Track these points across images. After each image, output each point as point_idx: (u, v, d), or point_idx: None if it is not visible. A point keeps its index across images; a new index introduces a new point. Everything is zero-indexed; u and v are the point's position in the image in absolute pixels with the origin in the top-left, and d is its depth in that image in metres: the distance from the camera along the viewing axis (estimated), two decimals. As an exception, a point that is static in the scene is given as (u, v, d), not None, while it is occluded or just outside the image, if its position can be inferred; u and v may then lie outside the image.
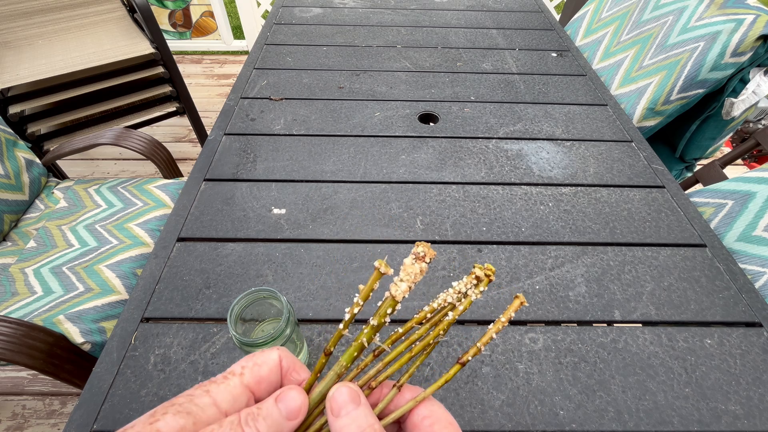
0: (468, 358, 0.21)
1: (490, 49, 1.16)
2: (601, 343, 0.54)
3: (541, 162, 0.81)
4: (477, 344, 0.21)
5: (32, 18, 1.48)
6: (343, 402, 0.19)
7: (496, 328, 0.21)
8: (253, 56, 1.09)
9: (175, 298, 0.57)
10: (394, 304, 0.20)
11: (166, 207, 1.00)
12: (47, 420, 1.04)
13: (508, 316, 0.21)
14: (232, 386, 0.19)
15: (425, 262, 0.20)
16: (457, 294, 0.21)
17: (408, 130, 0.88)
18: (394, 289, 0.20)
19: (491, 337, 0.21)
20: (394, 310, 0.21)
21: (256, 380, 0.20)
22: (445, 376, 0.22)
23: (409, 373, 0.22)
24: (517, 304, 0.21)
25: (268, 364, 0.21)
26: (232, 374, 0.20)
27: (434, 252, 0.20)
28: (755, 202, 0.75)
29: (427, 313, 0.21)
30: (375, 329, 0.21)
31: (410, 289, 0.20)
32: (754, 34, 0.88)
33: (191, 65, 2.40)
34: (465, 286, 0.21)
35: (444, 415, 0.21)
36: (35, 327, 0.68)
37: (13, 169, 0.98)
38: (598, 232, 0.68)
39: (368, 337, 0.21)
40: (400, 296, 0.20)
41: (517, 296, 0.21)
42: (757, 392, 0.50)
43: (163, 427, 0.16)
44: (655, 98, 1.03)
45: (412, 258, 0.20)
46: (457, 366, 0.21)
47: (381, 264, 0.20)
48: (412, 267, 0.20)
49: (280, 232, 0.67)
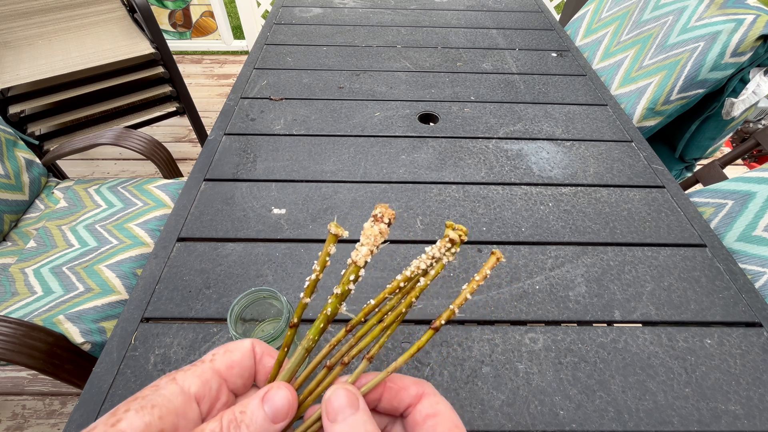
0: (441, 322, 0.20)
1: (490, 49, 1.16)
2: (601, 343, 0.54)
3: (541, 162, 0.81)
4: (451, 306, 0.20)
5: (32, 18, 1.48)
6: (339, 406, 0.18)
7: (470, 287, 0.20)
8: (253, 56, 1.09)
9: (175, 298, 0.57)
10: (356, 270, 0.19)
11: (166, 207, 1.00)
12: (47, 420, 1.04)
13: (484, 275, 0.20)
14: (201, 371, 0.18)
15: (384, 223, 0.19)
16: (430, 260, 0.20)
17: (408, 130, 0.88)
18: (354, 254, 0.19)
19: (465, 298, 0.20)
20: (357, 277, 0.20)
21: (227, 365, 0.19)
22: (417, 343, 0.20)
23: (379, 344, 0.21)
24: (493, 260, 0.20)
25: (240, 350, 0.20)
26: (202, 361, 0.19)
27: (393, 212, 0.19)
28: (755, 202, 0.75)
29: (400, 282, 0.20)
30: (340, 298, 0.20)
31: (372, 253, 0.19)
32: (754, 34, 0.88)
33: (191, 65, 2.40)
34: (439, 250, 0.20)
35: (449, 416, 0.19)
36: (35, 327, 0.68)
37: (13, 169, 0.98)
38: (598, 232, 0.68)
39: (333, 306, 0.20)
40: (361, 261, 0.19)
41: (493, 252, 0.20)
42: (757, 392, 0.50)
43: (127, 428, 0.15)
44: (655, 98, 1.03)
45: (371, 221, 0.19)
46: (430, 331, 0.20)
47: (332, 225, 0.19)
48: (371, 229, 0.19)
49: (280, 232, 0.67)
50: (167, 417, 0.16)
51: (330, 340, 0.21)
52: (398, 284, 0.20)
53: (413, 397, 0.20)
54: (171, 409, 0.16)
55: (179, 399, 0.17)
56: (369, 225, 0.19)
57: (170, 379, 0.18)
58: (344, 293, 0.20)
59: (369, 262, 0.20)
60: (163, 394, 0.17)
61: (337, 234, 0.19)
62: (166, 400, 0.17)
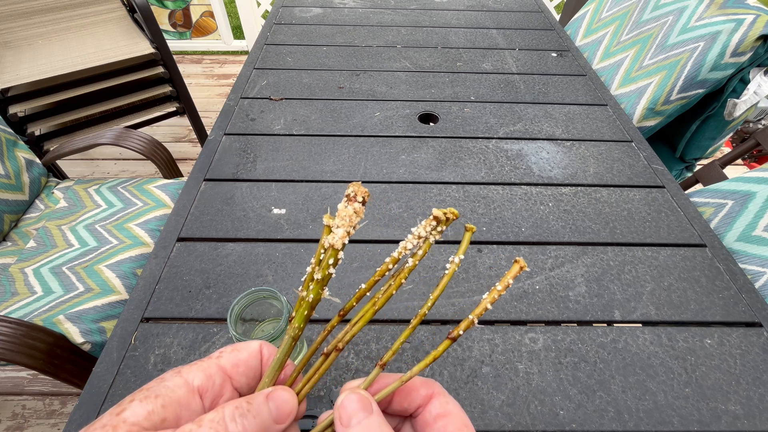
0: (459, 332, 0.19)
1: (490, 49, 1.16)
2: (601, 343, 0.54)
3: (541, 162, 0.81)
4: (470, 316, 0.19)
5: (32, 18, 1.48)
6: (353, 411, 0.18)
7: (491, 297, 0.19)
8: (253, 56, 1.09)
9: (175, 298, 0.57)
10: (335, 254, 0.19)
11: (166, 207, 1.00)
12: (47, 420, 1.04)
13: (506, 284, 0.19)
14: (206, 366, 0.19)
15: (358, 202, 0.19)
16: (416, 239, 0.19)
17: (408, 130, 0.88)
18: (331, 237, 0.19)
19: (485, 308, 0.19)
20: (336, 260, 0.19)
21: (233, 363, 0.19)
22: (434, 352, 0.20)
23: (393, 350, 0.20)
24: (516, 269, 0.19)
25: (247, 349, 0.20)
26: (208, 358, 0.19)
27: (366, 190, 0.19)
28: (755, 202, 0.75)
29: (389, 265, 0.20)
30: (321, 283, 0.20)
31: (349, 234, 0.19)
32: (754, 34, 0.88)
33: (191, 65, 2.40)
34: (424, 229, 0.19)
35: (459, 415, 0.19)
36: (35, 327, 0.68)
37: (13, 169, 0.98)
38: (598, 232, 0.68)
39: (315, 292, 0.20)
40: (339, 243, 0.19)
41: (516, 260, 0.19)
42: (757, 392, 0.50)
43: (130, 416, 0.16)
44: (655, 98, 1.03)
45: (344, 201, 0.19)
46: (447, 341, 0.20)
47: (326, 218, 0.19)
48: (346, 210, 0.19)
49: (280, 232, 0.67)
50: (170, 406, 0.17)
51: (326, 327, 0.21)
52: (387, 267, 0.20)
53: (423, 398, 0.20)
54: (174, 399, 0.17)
55: (182, 390, 0.17)
56: (343, 206, 0.19)
57: (175, 372, 0.18)
58: (325, 278, 0.20)
59: (347, 243, 0.19)
60: (167, 385, 0.17)
61: (331, 225, 0.19)
62: (170, 390, 0.17)
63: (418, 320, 0.20)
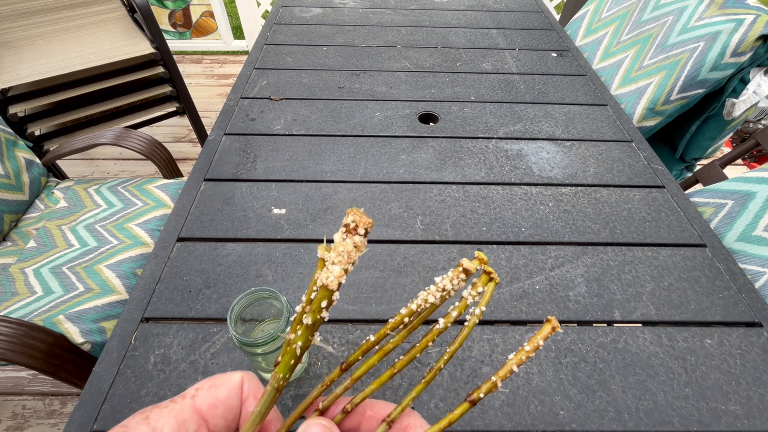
0: (480, 395, 0.17)
1: (490, 49, 1.16)
2: (601, 343, 0.54)
3: (541, 162, 0.81)
4: (492, 378, 0.16)
5: (32, 18, 1.48)
6: None
7: (517, 359, 0.16)
8: (253, 56, 1.09)
9: (175, 298, 0.57)
10: (329, 295, 0.16)
11: (166, 207, 1.00)
12: (47, 420, 1.04)
13: (536, 345, 0.16)
14: (178, 410, 0.16)
15: (359, 235, 0.16)
16: (440, 291, 0.17)
17: (408, 130, 0.88)
18: (325, 275, 0.16)
19: (511, 370, 0.16)
20: (330, 302, 0.16)
21: (210, 403, 0.17)
22: (449, 416, 0.17)
23: (402, 407, 0.18)
24: (547, 329, 0.16)
25: (227, 385, 0.18)
26: (182, 397, 0.17)
27: (370, 220, 0.16)
28: (755, 202, 0.75)
29: (404, 317, 0.17)
30: (311, 329, 0.17)
31: (346, 272, 0.16)
32: (754, 34, 0.88)
33: (191, 65, 2.40)
34: (450, 281, 0.16)
35: None
36: (35, 327, 0.68)
37: (13, 169, 0.98)
38: (598, 232, 0.68)
39: (304, 339, 0.17)
40: (334, 284, 0.16)
41: (548, 320, 0.17)
42: (757, 392, 0.50)
43: None
44: (655, 98, 1.03)
45: (342, 232, 0.16)
46: (465, 404, 0.17)
47: (321, 249, 0.16)
48: (344, 244, 0.16)
49: (280, 232, 0.67)
50: None
51: (324, 380, 0.19)
52: (402, 319, 0.17)
53: (397, 430, 0.18)
54: None
55: None
56: (340, 238, 0.16)
57: (143, 418, 0.16)
58: (316, 323, 0.17)
59: (343, 283, 0.16)
60: None
61: (326, 260, 0.17)
62: None
63: (432, 375, 0.18)
